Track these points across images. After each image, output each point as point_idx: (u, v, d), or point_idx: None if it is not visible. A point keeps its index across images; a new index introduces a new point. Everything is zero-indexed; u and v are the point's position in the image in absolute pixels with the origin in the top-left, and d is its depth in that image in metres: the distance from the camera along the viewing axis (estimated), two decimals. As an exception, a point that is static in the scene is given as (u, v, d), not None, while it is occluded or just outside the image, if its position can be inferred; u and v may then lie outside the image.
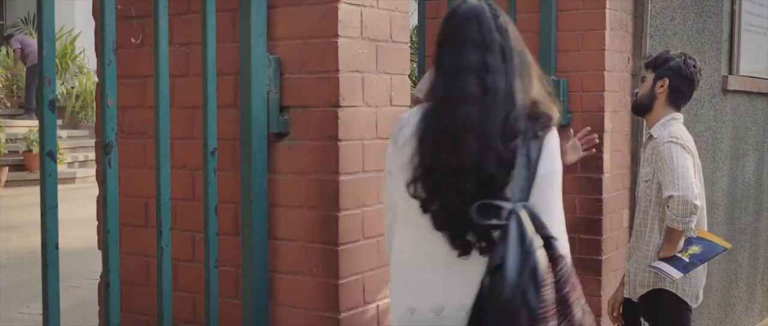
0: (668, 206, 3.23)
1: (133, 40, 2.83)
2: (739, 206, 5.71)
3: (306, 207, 2.47)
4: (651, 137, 3.47)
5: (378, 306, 2.57)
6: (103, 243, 2.04)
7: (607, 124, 4.08)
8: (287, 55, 2.50)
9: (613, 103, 4.08)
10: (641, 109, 3.55)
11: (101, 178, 2.03)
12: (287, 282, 2.50)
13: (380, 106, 2.59)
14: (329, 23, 2.42)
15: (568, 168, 4.15)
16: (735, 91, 5.42)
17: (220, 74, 2.54)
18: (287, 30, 2.50)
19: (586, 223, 4.10)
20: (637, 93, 3.58)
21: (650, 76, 3.48)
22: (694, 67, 3.47)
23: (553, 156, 2.08)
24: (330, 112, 2.43)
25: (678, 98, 3.48)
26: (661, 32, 4.45)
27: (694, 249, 3.43)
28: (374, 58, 2.56)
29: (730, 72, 5.42)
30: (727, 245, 3.64)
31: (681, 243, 3.36)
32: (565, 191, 4.13)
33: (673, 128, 3.39)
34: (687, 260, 3.40)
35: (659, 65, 3.46)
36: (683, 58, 3.46)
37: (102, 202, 2.03)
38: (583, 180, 4.10)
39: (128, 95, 2.76)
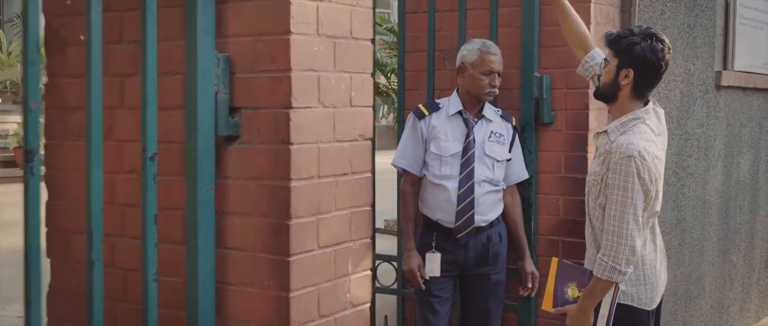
0: (600, 252, 3.05)
1: (81, 38, 2.67)
2: (734, 205, 5.55)
3: (257, 214, 2.33)
4: (606, 133, 3.18)
5: (335, 319, 2.43)
6: (25, 258, 1.89)
7: (592, 123, 3.93)
8: (238, 53, 2.35)
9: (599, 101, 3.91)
10: (604, 97, 3.26)
11: (24, 188, 1.88)
12: (237, 295, 2.36)
13: (338, 107, 2.44)
14: (281, 19, 2.27)
15: (551, 168, 4.02)
16: (729, 87, 5.26)
17: (170, 73, 2.40)
18: (238, 26, 2.35)
19: (569, 226, 3.95)
20: (599, 78, 3.25)
21: (613, 63, 3.14)
22: (663, 50, 3.10)
23: None
24: (281, 114, 2.28)
25: (644, 88, 3.16)
26: (650, 24, 4.28)
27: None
28: (332, 55, 2.41)
29: (725, 67, 5.26)
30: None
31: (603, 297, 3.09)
32: (549, 192, 4.02)
33: (634, 134, 3.05)
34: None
35: (623, 51, 3.10)
36: (650, 41, 3.07)
37: (24, 214, 1.88)
38: (567, 181, 3.95)
39: (78, 95, 2.61)
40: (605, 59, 3.23)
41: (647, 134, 3.08)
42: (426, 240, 3.79)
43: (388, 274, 4.42)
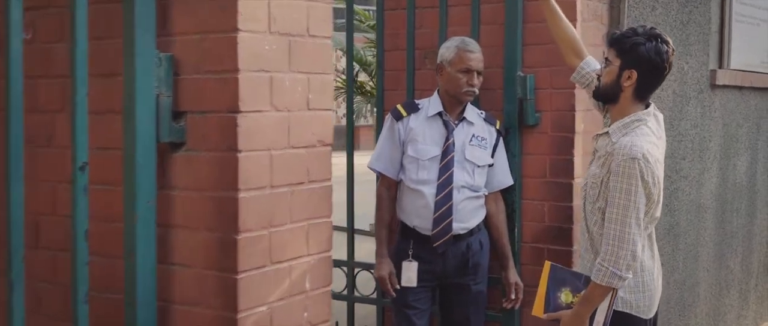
0: (600, 257, 2.91)
1: (24, 36, 2.49)
2: (730, 208, 5.36)
3: (203, 228, 2.14)
4: (607, 134, 3.04)
5: (290, 340, 2.24)
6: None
7: (579, 125, 3.74)
8: (184, 52, 2.16)
9: (586, 101, 3.71)
10: (605, 98, 3.12)
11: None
12: (183, 315, 2.17)
13: (294, 111, 2.25)
14: (228, 15, 2.08)
15: (536, 173, 3.83)
16: (725, 86, 5.07)
17: (112, 75, 2.21)
18: (184, 23, 2.16)
19: (555, 233, 3.77)
20: (599, 76, 3.11)
21: (615, 63, 3.00)
22: (667, 52, 2.97)
23: None
24: (228, 119, 2.09)
25: (647, 90, 3.03)
26: (641, 23, 4.09)
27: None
28: (286, 55, 2.22)
29: (720, 66, 5.07)
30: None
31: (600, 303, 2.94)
32: (533, 197, 3.82)
33: (637, 136, 2.93)
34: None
35: (626, 51, 2.96)
36: (654, 42, 2.95)
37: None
38: (553, 186, 3.76)
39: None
40: (607, 59, 3.07)
41: (650, 136, 2.96)
42: (403, 247, 3.60)
43: (369, 283, 4.23)
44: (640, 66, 2.96)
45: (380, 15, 4.09)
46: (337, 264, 4.20)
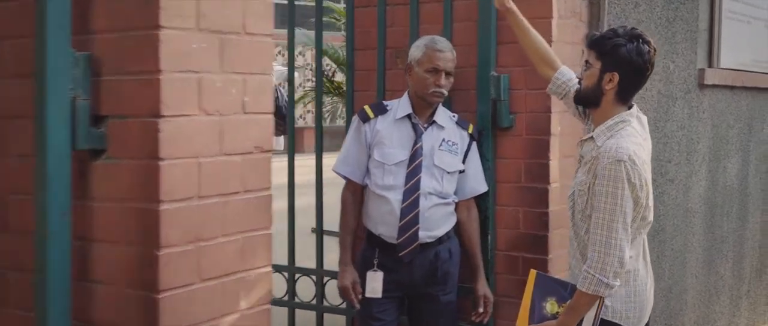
0: (585, 263, 2.78)
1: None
2: (720, 212, 5.18)
3: (124, 242, 1.97)
4: (592, 139, 2.92)
5: (222, 365, 2.07)
6: None
7: (555, 127, 3.56)
8: (104, 51, 2.00)
9: (562, 103, 3.54)
10: (586, 102, 2.99)
11: None
12: (102, 337, 2.01)
13: (227, 115, 2.08)
14: (149, 11, 1.92)
15: (510, 178, 3.65)
16: (714, 86, 4.89)
17: (25, 76, 2.04)
18: (103, 20, 2.00)
19: (530, 240, 3.59)
20: (580, 81, 2.98)
21: (596, 66, 2.87)
22: (649, 52, 2.84)
23: None
24: (150, 124, 1.92)
25: (629, 92, 2.90)
26: (623, 20, 3.92)
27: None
28: (218, 54, 2.05)
29: (710, 65, 4.89)
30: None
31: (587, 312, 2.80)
32: (508, 203, 3.64)
33: (622, 138, 2.80)
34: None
35: (606, 52, 2.84)
36: (636, 43, 2.82)
37: None
38: (527, 191, 3.58)
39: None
40: (587, 61, 2.93)
41: (635, 137, 2.84)
42: (367, 256, 3.43)
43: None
44: (622, 68, 2.83)
45: (350, 12, 3.92)
46: (307, 272, 4.05)
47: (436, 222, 3.37)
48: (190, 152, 1.99)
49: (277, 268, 4.08)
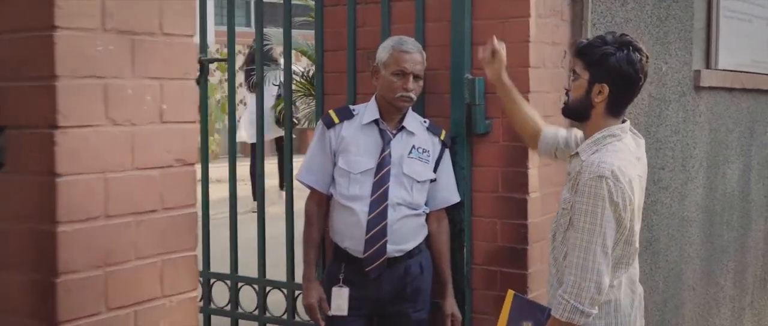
0: (561, 288, 2.59)
1: None
2: (720, 220, 4.94)
3: (20, 268, 1.77)
4: (578, 155, 2.72)
5: (133, 402, 1.86)
6: None
7: (534, 133, 3.32)
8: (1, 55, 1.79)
9: (543, 107, 3.32)
10: (575, 115, 2.78)
11: None
12: (-3, 373, 1.80)
13: (140, 125, 1.88)
14: (44, 9, 1.71)
15: (487, 187, 3.43)
16: (712, 88, 4.65)
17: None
18: (1, 21, 1.80)
19: (508, 254, 3.36)
20: (567, 93, 2.77)
21: (584, 76, 2.66)
22: (641, 61, 2.62)
23: None
24: (45, 136, 1.72)
25: (621, 104, 2.69)
26: (609, 19, 3.69)
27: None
28: (129, 57, 1.85)
29: (707, 66, 4.64)
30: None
31: None
32: (484, 214, 3.42)
33: (608, 152, 2.59)
34: None
35: (595, 62, 2.63)
36: (626, 51, 2.60)
37: None
38: (505, 202, 3.36)
39: None
40: (574, 71, 2.73)
41: (623, 153, 2.62)
42: (333, 271, 3.22)
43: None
44: (612, 79, 2.62)
45: (319, 11, 3.71)
46: (278, 285, 3.85)
47: (406, 234, 3.15)
48: (96, 167, 1.78)
49: (247, 281, 3.91)
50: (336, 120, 3.21)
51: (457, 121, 3.36)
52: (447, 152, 3.27)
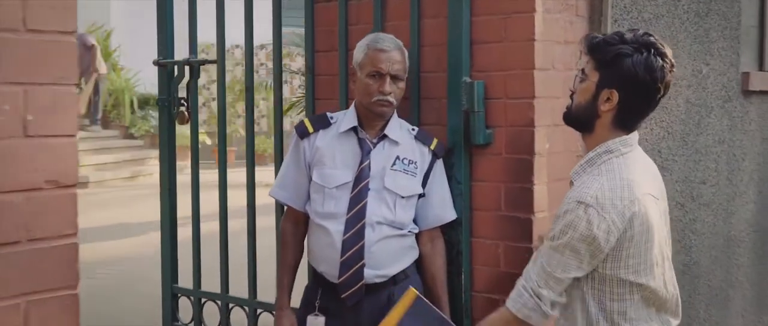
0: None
1: None
2: (775, 240, 4.43)
3: None
4: (572, 184, 2.32)
5: None
6: None
7: (541, 144, 2.93)
8: None
9: (552, 114, 2.92)
10: (577, 124, 2.36)
11: None
12: None
13: (3, 139, 1.56)
14: None
15: (488, 205, 3.04)
16: (764, 93, 4.15)
17: None
18: None
19: (511, 281, 2.92)
20: (572, 95, 2.35)
21: (593, 78, 2.25)
22: (662, 68, 2.18)
23: None
24: None
25: (632, 118, 2.27)
26: (634, 15, 3.26)
27: None
28: (-18, 59, 1.53)
29: (761, 68, 4.16)
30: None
31: None
32: (485, 236, 3.02)
33: (601, 175, 2.19)
34: None
35: (607, 63, 2.21)
36: (645, 53, 2.17)
37: None
38: (509, 222, 2.96)
39: None
40: (582, 70, 2.32)
41: (622, 172, 2.20)
42: (310, 297, 2.89)
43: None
44: (624, 85, 2.20)
45: (309, 8, 3.36)
46: (240, 303, 3.55)
47: (387, 257, 2.79)
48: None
49: (211, 296, 3.70)
50: (310, 129, 2.87)
51: (454, 129, 2.99)
52: (439, 163, 2.90)
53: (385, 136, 2.83)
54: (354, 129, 2.83)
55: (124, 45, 14.41)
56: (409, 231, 2.85)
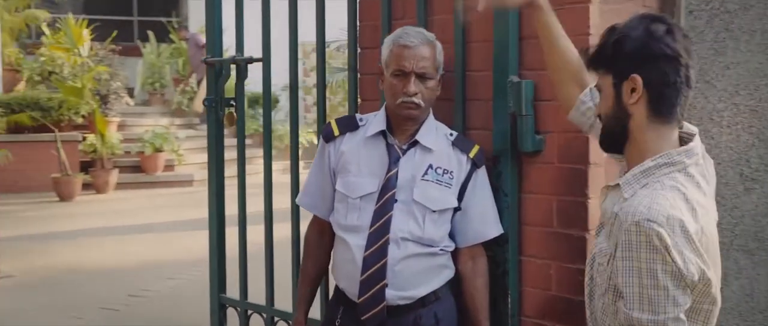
0: None
1: None
2: None
3: None
4: (618, 187, 1.95)
5: None
6: None
7: (596, 153, 2.57)
8: None
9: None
10: (612, 142, 2.00)
11: None
12: None
13: None
14: None
15: (539, 220, 2.72)
16: None
17: None
18: None
19: (564, 307, 2.63)
20: (599, 117, 2.02)
21: (607, 82, 1.93)
22: (669, 32, 1.86)
23: None
24: None
25: (666, 101, 1.89)
26: (716, 5, 2.84)
27: None
28: None
29: None
30: None
31: None
32: (536, 255, 2.67)
33: (664, 190, 1.83)
34: None
35: (611, 59, 1.90)
36: (641, 26, 1.87)
37: None
38: (560, 239, 2.64)
39: None
40: (596, 87, 2.01)
41: (687, 191, 1.86)
42: (331, 315, 2.66)
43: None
44: (638, 64, 1.87)
45: (352, 2, 3.11)
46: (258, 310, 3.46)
47: (413, 278, 2.51)
48: None
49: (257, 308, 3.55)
50: (336, 132, 2.62)
51: (500, 135, 2.68)
52: (480, 173, 2.59)
53: (416, 142, 2.55)
54: (383, 133, 2.56)
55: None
56: (443, 250, 2.55)
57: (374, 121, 2.59)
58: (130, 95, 14.28)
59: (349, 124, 2.63)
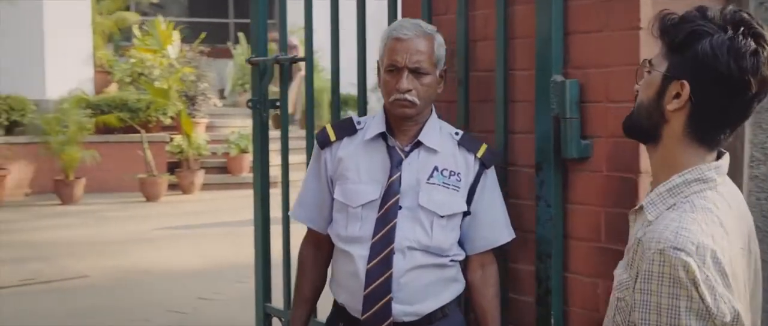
0: None
1: None
2: None
3: None
4: (642, 210, 1.70)
5: None
6: None
7: (647, 160, 2.30)
8: None
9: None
10: (638, 132, 1.76)
11: None
12: None
13: None
14: None
15: (585, 234, 2.46)
16: None
17: None
18: None
19: (611, 329, 2.37)
20: (636, 96, 1.75)
21: (660, 68, 1.65)
22: (757, 54, 1.55)
23: None
24: None
25: (710, 125, 1.64)
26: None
27: None
28: None
29: None
30: None
31: None
32: (582, 272, 2.42)
33: (694, 211, 1.57)
34: None
35: (678, 47, 1.61)
36: (731, 32, 1.56)
37: None
38: (610, 256, 2.38)
39: None
40: (649, 61, 1.71)
41: (720, 213, 1.60)
42: None
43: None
44: (698, 74, 1.59)
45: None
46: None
47: (421, 291, 2.32)
48: None
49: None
50: (332, 137, 2.44)
51: (542, 139, 2.45)
52: (488, 174, 2.39)
53: (419, 143, 2.35)
54: (382, 135, 2.37)
55: (324, 47, 14.53)
56: (452, 260, 2.35)
57: (373, 123, 2.41)
58: (221, 96, 14.40)
59: (346, 128, 2.44)
